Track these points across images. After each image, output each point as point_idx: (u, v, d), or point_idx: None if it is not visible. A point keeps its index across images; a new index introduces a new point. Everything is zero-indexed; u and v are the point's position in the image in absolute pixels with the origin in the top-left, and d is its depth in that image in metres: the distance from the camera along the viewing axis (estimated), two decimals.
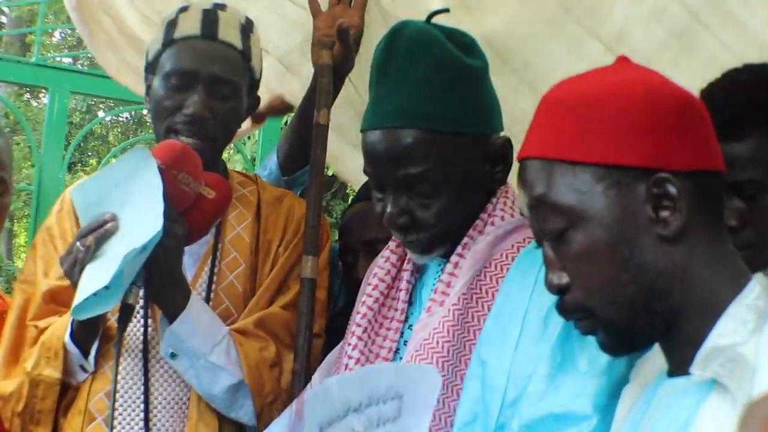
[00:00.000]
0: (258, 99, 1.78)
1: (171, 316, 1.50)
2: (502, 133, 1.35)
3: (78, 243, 1.40)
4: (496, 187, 1.35)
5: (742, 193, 1.28)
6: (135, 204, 1.41)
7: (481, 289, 1.27)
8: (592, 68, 1.01)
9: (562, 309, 0.97)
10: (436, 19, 1.33)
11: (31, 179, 4.04)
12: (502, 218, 1.32)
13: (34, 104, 12.11)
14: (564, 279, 0.95)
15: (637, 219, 0.91)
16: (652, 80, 0.94)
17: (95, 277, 1.35)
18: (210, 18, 1.65)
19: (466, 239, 1.32)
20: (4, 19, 11.72)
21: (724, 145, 1.26)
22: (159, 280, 1.48)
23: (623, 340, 0.96)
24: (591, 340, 1.00)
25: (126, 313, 1.43)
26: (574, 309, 0.96)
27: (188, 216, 1.49)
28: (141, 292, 1.49)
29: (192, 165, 1.47)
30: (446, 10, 1.37)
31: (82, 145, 11.83)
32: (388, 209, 1.29)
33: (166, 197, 1.40)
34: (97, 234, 1.39)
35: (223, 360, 1.53)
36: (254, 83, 1.73)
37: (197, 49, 1.62)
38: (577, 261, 0.93)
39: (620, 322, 0.93)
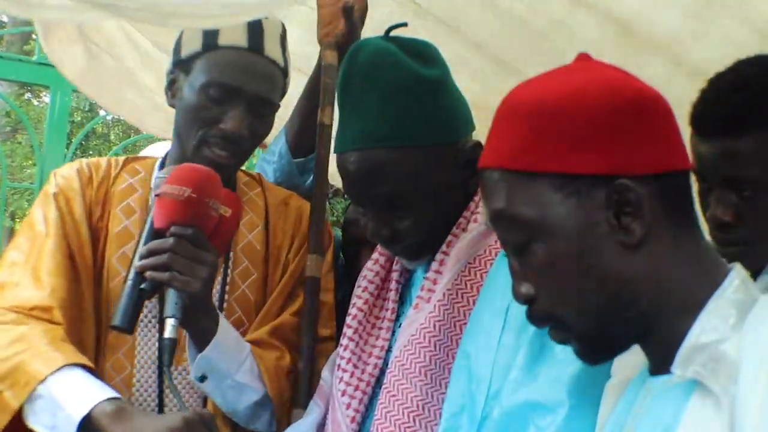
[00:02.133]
0: (278, 107, 1.71)
1: (203, 341, 1.46)
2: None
3: None
4: (472, 190, 1.37)
5: (738, 189, 1.28)
6: None
7: (465, 285, 1.30)
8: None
9: (531, 318, 0.95)
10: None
11: (33, 178, 4.05)
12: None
13: (36, 103, 12.15)
14: (530, 289, 0.93)
15: (599, 227, 0.88)
16: (608, 83, 0.91)
17: None
18: (256, 28, 1.57)
19: (450, 237, 1.35)
20: (5, 18, 11.75)
21: (726, 138, 1.26)
22: (195, 311, 1.42)
23: (597, 349, 0.94)
24: None
25: (170, 348, 1.35)
26: (543, 318, 0.94)
27: (212, 238, 1.45)
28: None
29: (217, 189, 1.44)
30: (404, 24, 1.40)
31: (83, 143, 11.86)
32: (370, 224, 1.35)
33: (196, 225, 1.39)
34: None
35: (247, 378, 1.52)
36: (284, 95, 1.69)
37: (243, 64, 1.54)
38: (541, 272, 0.91)
39: (590, 331, 0.91)
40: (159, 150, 2.69)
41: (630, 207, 0.87)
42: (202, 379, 1.48)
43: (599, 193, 0.88)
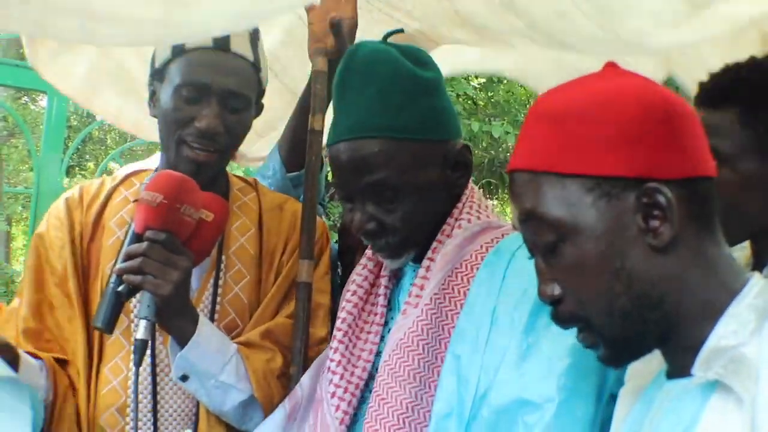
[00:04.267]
0: (262, 107, 1.76)
1: (181, 342, 1.50)
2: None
3: None
4: (458, 192, 1.41)
5: None
6: None
7: (452, 289, 1.32)
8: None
9: (557, 319, 0.97)
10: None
11: (30, 183, 4.05)
12: (469, 221, 1.38)
13: (33, 107, 12.12)
14: (557, 290, 0.95)
15: (628, 230, 0.90)
16: (639, 88, 0.93)
17: None
18: None
19: (435, 243, 1.38)
20: None
21: (705, 109, 1.34)
22: (169, 313, 1.46)
23: (622, 351, 0.96)
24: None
25: (141, 348, 1.41)
26: (569, 319, 0.96)
27: (191, 242, 1.49)
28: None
29: (192, 195, 1.47)
30: (401, 31, 1.46)
31: (80, 148, 11.84)
32: (357, 216, 1.37)
33: (170, 230, 1.43)
34: None
35: (233, 378, 1.54)
36: (261, 93, 1.73)
37: (210, 61, 1.59)
38: (569, 273, 0.93)
39: (615, 332, 0.93)
40: (153, 162, 2.70)
41: (659, 210, 0.89)
42: (184, 378, 1.51)
43: (629, 196, 0.90)
